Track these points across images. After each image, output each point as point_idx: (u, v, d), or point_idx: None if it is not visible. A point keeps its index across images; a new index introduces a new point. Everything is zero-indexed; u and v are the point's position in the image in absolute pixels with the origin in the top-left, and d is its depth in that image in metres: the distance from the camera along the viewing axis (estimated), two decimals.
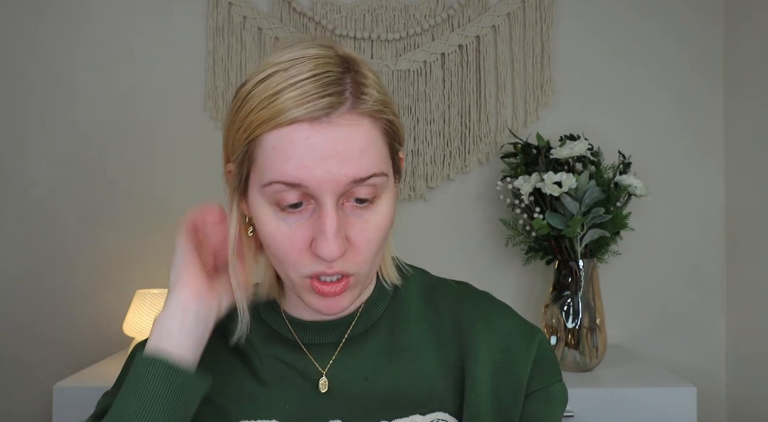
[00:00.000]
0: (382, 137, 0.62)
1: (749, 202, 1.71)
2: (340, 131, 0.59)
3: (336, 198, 0.60)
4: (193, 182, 1.80)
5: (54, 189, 1.81)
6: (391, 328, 0.72)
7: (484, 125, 1.80)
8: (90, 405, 1.43)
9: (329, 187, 0.59)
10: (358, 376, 0.70)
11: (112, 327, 1.75)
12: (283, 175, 0.59)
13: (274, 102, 0.59)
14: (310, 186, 0.59)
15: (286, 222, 0.61)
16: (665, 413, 1.40)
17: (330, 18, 1.81)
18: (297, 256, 0.62)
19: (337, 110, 0.59)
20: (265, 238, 0.63)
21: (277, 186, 0.60)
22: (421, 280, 0.77)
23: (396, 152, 0.66)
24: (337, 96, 0.59)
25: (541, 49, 1.81)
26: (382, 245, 0.65)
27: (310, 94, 0.58)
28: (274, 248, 0.63)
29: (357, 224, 0.62)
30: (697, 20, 1.82)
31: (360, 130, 0.60)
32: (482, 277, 1.79)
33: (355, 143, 0.59)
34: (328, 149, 0.58)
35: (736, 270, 1.77)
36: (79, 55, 1.82)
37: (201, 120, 1.82)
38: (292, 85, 0.59)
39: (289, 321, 0.73)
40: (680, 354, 1.79)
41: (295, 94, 0.59)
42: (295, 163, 0.58)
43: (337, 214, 0.60)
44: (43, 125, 1.82)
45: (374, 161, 0.61)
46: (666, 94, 1.81)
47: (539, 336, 0.73)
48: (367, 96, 0.61)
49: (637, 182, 1.55)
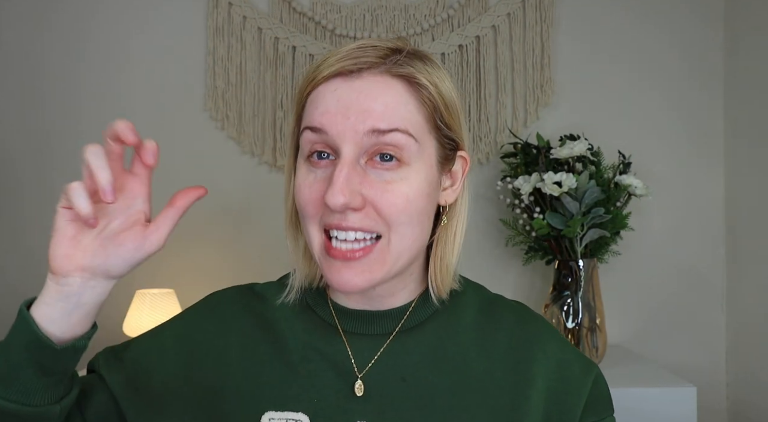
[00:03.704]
0: (418, 105, 0.62)
1: (749, 202, 1.71)
2: (368, 85, 0.61)
3: (356, 151, 0.60)
4: (193, 182, 1.80)
5: (54, 189, 1.82)
6: (439, 332, 0.70)
7: (484, 125, 1.80)
8: None
9: (348, 135, 0.60)
10: (396, 376, 0.67)
11: (112, 327, 1.75)
12: (310, 121, 0.62)
13: (320, 65, 0.63)
14: (329, 132, 0.60)
15: (314, 174, 0.63)
16: (665, 413, 1.40)
17: (330, 18, 1.81)
18: (313, 207, 0.62)
19: (372, 69, 0.62)
20: (295, 194, 0.65)
21: (306, 133, 0.62)
22: (478, 292, 0.76)
23: (441, 131, 0.65)
24: (376, 58, 0.62)
25: (541, 49, 1.81)
26: (415, 222, 0.63)
27: (350, 54, 0.62)
28: (298, 202, 0.64)
29: (377, 184, 0.61)
30: (697, 21, 1.82)
31: (389, 89, 0.61)
32: (482, 277, 1.77)
33: (381, 98, 0.61)
34: (352, 99, 0.60)
35: (736, 270, 1.76)
36: (79, 55, 1.82)
37: (201, 120, 1.82)
38: (337, 52, 0.63)
39: (335, 309, 0.71)
40: (680, 354, 1.79)
41: (336, 57, 0.62)
42: (320, 110, 0.61)
43: (352, 167, 0.60)
44: (43, 125, 1.82)
45: (399, 118, 0.61)
46: (666, 95, 1.81)
47: (596, 371, 0.73)
48: (405, 65, 0.63)
49: (637, 182, 1.55)
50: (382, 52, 0.63)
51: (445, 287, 0.71)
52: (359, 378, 0.67)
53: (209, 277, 1.79)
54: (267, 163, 1.80)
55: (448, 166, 0.67)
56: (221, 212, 1.80)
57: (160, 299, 1.57)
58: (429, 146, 0.64)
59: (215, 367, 0.70)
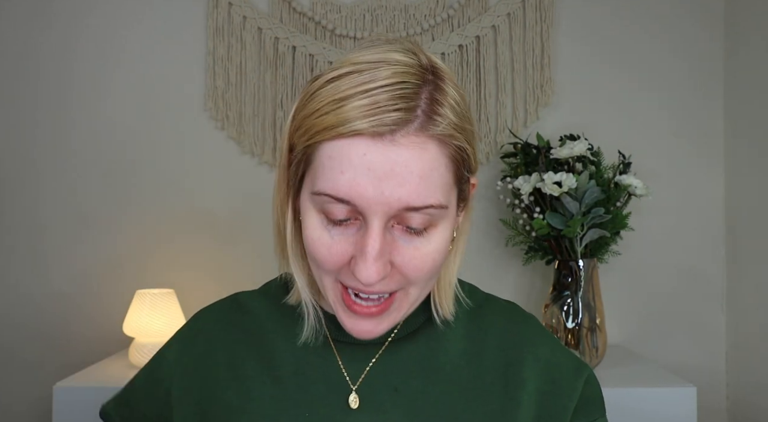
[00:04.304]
0: (449, 163, 0.57)
1: (749, 202, 1.71)
2: (402, 152, 0.54)
3: (385, 221, 0.56)
4: (193, 182, 1.80)
5: (54, 189, 1.81)
6: (429, 341, 0.70)
7: (484, 125, 1.80)
8: (90, 405, 1.43)
9: (379, 209, 0.55)
10: (389, 386, 0.67)
11: (112, 327, 1.75)
12: (334, 189, 0.55)
13: (340, 108, 0.55)
14: (359, 205, 0.55)
15: (329, 233, 0.58)
16: (665, 413, 1.40)
17: (330, 18, 1.81)
18: (334, 267, 0.59)
19: (404, 128, 0.54)
20: (306, 241, 0.60)
21: (326, 198, 0.56)
22: (470, 296, 0.75)
23: (462, 180, 0.61)
24: (407, 112, 0.55)
25: (541, 49, 1.81)
26: (436, 273, 0.61)
27: (379, 107, 0.54)
28: (313, 254, 0.60)
29: (405, 251, 0.58)
30: (697, 20, 1.82)
31: (424, 154, 0.55)
32: (482, 277, 1.79)
33: (416, 167, 0.55)
34: (386, 169, 0.54)
35: (736, 270, 1.77)
36: (78, 55, 1.82)
37: (201, 120, 1.82)
38: (363, 93, 0.55)
39: (326, 319, 0.70)
40: (680, 354, 1.79)
41: (363, 104, 0.54)
42: (347, 178, 0.55)
43: (382, 237, 0.56)
44: (44, 126, 1.82)
45: (433, 191, 0.56)
46: (666, 94, 1.81)
47: (587, 372, 0.72)
48: (440, 118, 0.56)
49: (637, 182, 1.55)
50: (411, 90, 0.55)
51: (448, 308, 0.70)
52: (354, 390, 0.66)
53: (209, 277, 1.79)
54: (267, 163, 1.80)
55: (462, 202, 0.64)
56: (221, 211, 1.80)
57: (160, 299, 1.57)
58: (453, 199, 0.60)
59: (204, 387, 0.70)
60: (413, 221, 0.57)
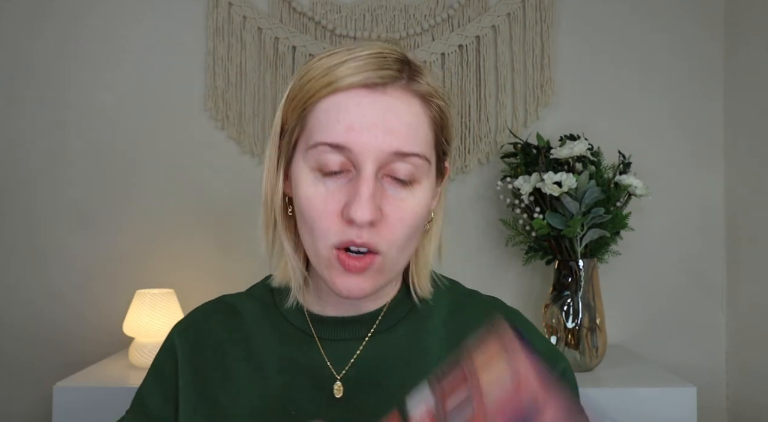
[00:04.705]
0: (431, 123, 0.64)
1: (749, 202, 1.71)
2: (393, 102, 0.61)
3: (376, 167, 0.60)
4: (194, 182, 1.80)
5: (53, 189, 1.81)
6: (410, 334, 0.71)
7: (484, 125, 1.80)
8: (90, 405, 1.44)
9: (372, 154, 0.60)
10: (372, 379, 0.68)
11: (112, 327, 1.75)
12: (331, 136, 0.60)
13: (334, 70, 0.61)
14: (353, 150, 0.60)
15: (324, 185, 0.62)
16: (665, 413, 1.40)
17: (330, 18, 1.81)
18: (328, 221, 0.61)
19: (393, 84, 0.61)
20: (300, 203, 0.63)
21: (322, 148, 0.61)
22: (451, 290, 0.76)
23: (440, 148, 0.67)
24: (395, 72, 0.62)
25: (541, 49, 1.81)
26: (415, 234, 0.65)
27: (370, 67, 0.61)
28: (307, 213, 0.62)
29: (393, 200, 0.62)
30: (697, 20, 1.82)
31: (411, 108, 0.62)
32: (482, 277, 1.80)
33: (405, 117, 0.61)
34: (379, 116, 0.60)
35: (736, 270, 1.76)
36: (78, 55, 1.82)
37: (201, 120, 1.82)
38: (353, 59, 0.61)
39: (311, 317, 0.72)
40: (680, 354, 1.79)
41: (355, 65, 0.61)
42: (344, 125, 0.60)
43: (375, 182, 0.60)
44: (43, 126, 1.82)
45: (418, 141, 0.62)
46: (666, 94, 1.81)
47: (563, 364, 0.73)
48: (422, 80, 0.63)
49: (637, 182, 1.55)
50: (397, 64, 0.63)
51: (425, 287, 0.72)
52: (338, 380, 0.68)
53: (209, 277, 1.79)
54: None
55: (440, 177, 0.69)
56: (221, 211, 1.80)
57: (160, 299, 1.57)
58: (434, 161, 0.66)
59: (194, 383, 0.70)
60: (400, 172, 0.61)
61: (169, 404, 0.72)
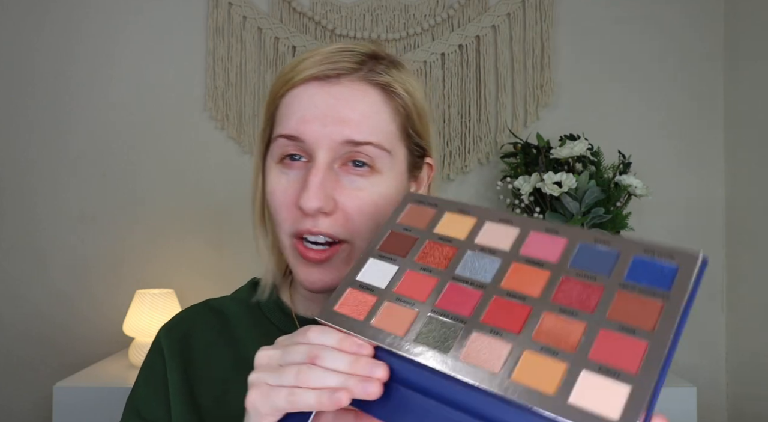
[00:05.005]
0: (393, 114, 0.63)
1: (749, 202, 1.71)
2: (346, 92, 0.61)
3: (330, 157, 0.61)
4: (193, 182, 1.80)
5: (53, 189, 1.81)
6: None
7: (484, 125, 1.80)
8: (90, 405, 1.44)
9: (324, 143, 0.60)
10: None
11: (112, 327, 1.75)
12: (286, 128, 0.62)
13: (296, 67, 0.63)
14: (306, 140, 0.60)
15: (286, 176, 0.63)
16: (665, 413, 1.39)
17: (330, 18, 1.81)
18: (286, 212, 0.62)
19: (349, 75, 0.62)
20: (267, 196, 0.65)
21: (280, 140, 0.62)
22: None
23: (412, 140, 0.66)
24: (354, 64, 0.62)
25: (541, 49, 1.81)
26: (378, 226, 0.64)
27: (330, 60, 0.62)
28: (271, 205, 0.64)
29: (349, 190, 0.62)
30: (697, 20, 1.82)
31: (366, 97, 0.62)
32: None
33: (358, 106, 0.61)
34: (330, 105, 0.60)
35: (736, 270, 1.76)
36: (78, 55, 1.82)
37: (201, 120, 1.82)
38: (315, 55, 0.63)
39: (299, 320, 0.71)
40: (680, 354, 1.79)
41: (316, 59, 0.62)
42: (297, 117, 0.61)
43: (325, 171, 0.60)
44: (43, 126, 1.82)
45: (374, 131, 0.61)
46: (666, 95, 1.81)
47: None
48: (385, 71, 0.63)
49: (637, 182, 1.55)
50: (360, 57, 0.63)
51: None
52: None
53: (209, 277, 1.79)
54: None
55: (415, 172, 0.69)
56: (221, 211, 1.80)
57: (160, 299, 1.57)
58: (400, 154, 0.65)
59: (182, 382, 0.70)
60: (355, 155, 0.61)
61: (161, 406, 0.71)
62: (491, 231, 0.50)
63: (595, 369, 0.40)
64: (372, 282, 0.50)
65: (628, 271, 0.44)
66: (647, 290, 0.42)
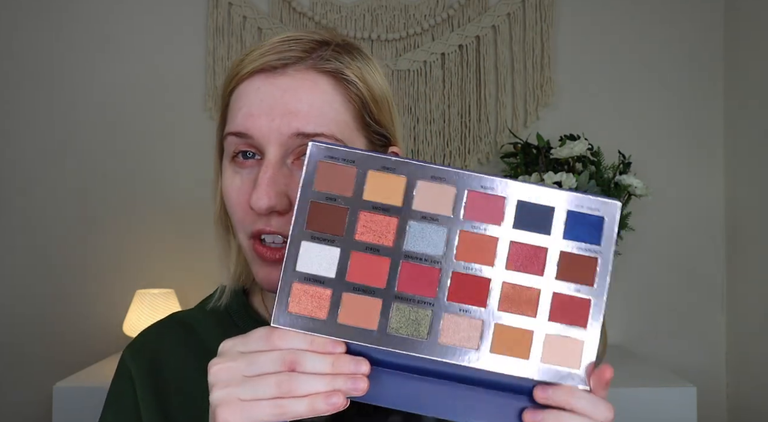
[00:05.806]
0: (347, 103, 0.59)
1: (749, 202, 1.71)
2: (293, 83, 0.58)
3: (281, 152, 0.58)
4: (194, 182, 1.80)
5: (54, 189, 1.81)
6: None
7: (484, 125, 1.80)
8: (90, 405, 1.43)
9: (273, 138, 0.57)
10: None
11: (112, 327, 1.75)
12: (234, 125, 0.59)
13: (243, 60, 0.60)
14: (254, 136, 0.58)
15: (240, 176, 0.60)
16: (665, 413, 1.40)
17: (330, 18, 1.81)
18: (242, 212, 0.60)
19: (296, 64, 0.58)
20: (224, 198, 0.62)
21: (230, 138, 0.59)
22: None
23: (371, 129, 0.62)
24: (301, 52, 0.59)
25: (541, 49, 1.81)
26: None
27: (275, 50, 0.59)
28: (227, 206, 0.61)
29: None
30: (697, 20, 1.82)
31: (315, 87, 0.58)
32: None
33: (306, 97, 0.58)
34: (276, 98, 0.57)
35: (736, 270, 1.76)
36: (78, 55, 1.82)
37: (201, 120, 1.82)
38: (259, 47, 0.60)
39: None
40: (680, 354, 1.79)
41: (258, 52, 0.59)
42: (243, 112, 0.58)
43: (276, 167, 0.57)
44: (44, 126, 1.82)
45: (326, 122, 0.58)
46: (666, 94, 1.81)
47: None
48: (335, 58, 0.59)
49: (637, 182, 1.55)
50: (308, 45, 0.60)
51: None
52: None
53: (209, 277, 1.78)
54: None
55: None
56: None
57: (160, 299, 1.57)
58: (358, 144, 0.61)
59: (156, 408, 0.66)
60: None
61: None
62: (426, 193, 0.47)
63: (559, 330, 0.46)
64: (318, 272, 0.47)
65: (565, 228, 0.47)
66: (583, 248, 0.47)
